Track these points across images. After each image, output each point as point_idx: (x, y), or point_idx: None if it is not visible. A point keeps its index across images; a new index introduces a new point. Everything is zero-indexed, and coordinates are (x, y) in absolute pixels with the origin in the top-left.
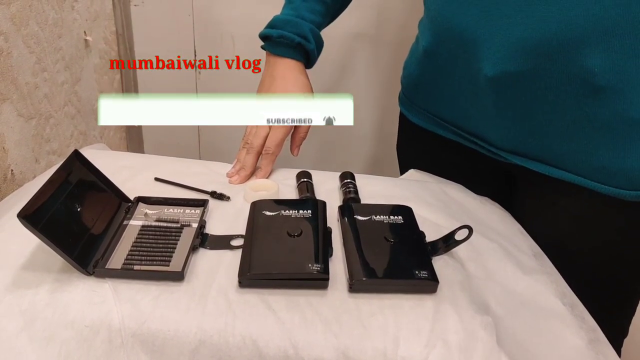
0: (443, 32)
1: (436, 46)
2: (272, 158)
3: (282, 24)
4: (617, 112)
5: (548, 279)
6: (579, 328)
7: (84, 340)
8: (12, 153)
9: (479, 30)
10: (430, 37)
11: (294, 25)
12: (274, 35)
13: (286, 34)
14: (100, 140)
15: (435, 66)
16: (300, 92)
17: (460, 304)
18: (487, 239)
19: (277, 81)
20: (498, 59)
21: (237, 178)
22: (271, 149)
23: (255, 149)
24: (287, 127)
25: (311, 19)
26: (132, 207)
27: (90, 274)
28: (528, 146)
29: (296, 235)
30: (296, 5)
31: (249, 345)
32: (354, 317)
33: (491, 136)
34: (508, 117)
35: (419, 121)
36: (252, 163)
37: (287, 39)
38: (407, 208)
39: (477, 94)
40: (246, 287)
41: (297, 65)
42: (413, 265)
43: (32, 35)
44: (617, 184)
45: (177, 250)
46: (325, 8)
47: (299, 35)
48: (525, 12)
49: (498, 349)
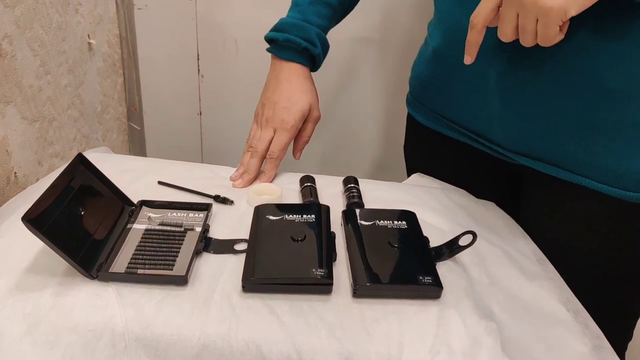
0: (454, 33)
1: (446, 47)
2: (276, 162)
3: (289, 27)
4: (625, 115)
5: (552, 284)
6: (582, 334)
7: (88, 344)
8: (15, 156)
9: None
10: (441, 38)
11: (301, 29)
12: (280, 39)
13: (292, 38)
14: (102, 143)
15: (444, 67)
16: (305, 96)
17: (464, 309)
18: (491, 244)
19: (283, 85)
20: (506, 58)
21: (240, 182)
22: (275, 153)
23: (259, 152)
24: (292, 131)
25: (318, 22)
26: (135, 210)
27: (93, 277)
28: (535, 147)
29: (300, 240)
30: (303, 9)
31: (253, 350)
32: (357, 323)
33: (499, 137)
34: (516, 118)
35: (427, 122)
36: (256, 167)
37: (293, 43)
38: (411, 213)
39: (485, 95)
40: (250, 292)
41: (303, 69)
42: (417, 271)
43: (36, 38)
44: (624, 186)
45: (180, 254)
46: (332, 11)
47: (306, 40)
48: None
49: (502, 354)
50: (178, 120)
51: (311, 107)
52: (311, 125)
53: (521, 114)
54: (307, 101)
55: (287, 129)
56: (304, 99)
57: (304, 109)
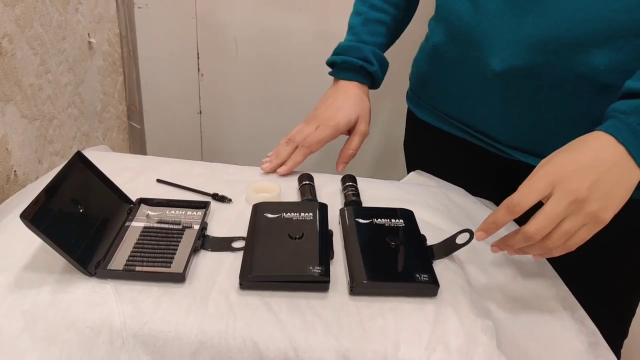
0: (453, 29)
1: (446, 43)
2: (306, 151)
3: (345, 50)
4: None
5: (548, 282)
6: (579, 332)
7: (86, 341)
8: (15, 154)
9: (490, 27)
10: (441, 35)
11: (356, 50)
12: (338, 61)
13: (349, 59)
14: (102, 141)
15: (444, 63)
16: (356, 107)
17: (460, 307)
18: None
19: (340, 95)
20: (506, 55)
21: (268, 165)
22: (308, 142)
23: (295, 142)
24: (333, 129)
25: (372, 41)
26: (134, 208)
27: (92, 274)
28: (533, 143)
29: (297, 238)
30: (357, 31)
31: (250, 347)
32: (354, 320)
33: (497, 132)
34: (514, 113)
35: (427, 118)
36: (287, 154)
37: (350, 64)
38: (409, 211)
39: (484, 90)
40: (247, 289)
41: (360, 86)
42: (414, 269)
43: (36, 36)
44: None
45: (178, 252)
46: (386, 28)
47: (361, 59)
48: (536, 12)
49: (498, 352)
50: (178, 119)
51: (359, 118)
52: (357, 139)
53: (518, 108)
54: (356, 111)
55: (329, 126)
56: (354, 109)
57: (350, 116)
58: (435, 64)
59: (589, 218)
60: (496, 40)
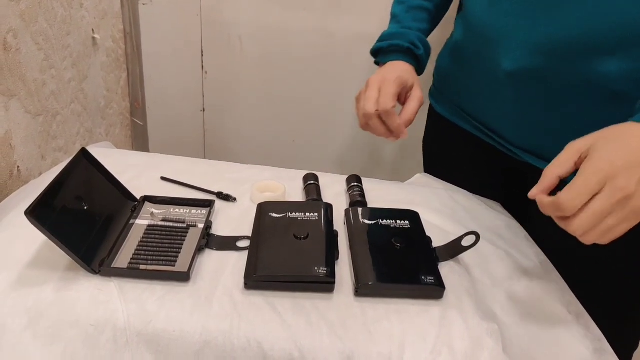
0: (471, 27)
1: (464, 40)
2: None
3: (390, 36)
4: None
5: (554, 287)
6: (584, 337)
7: (89, 339)
8: (18, 150)
9: (504, 27)
10: (461, 32)
11: (402, 35)
12: (385, 46)
13: (396, 42)
14: (106, 138)
15: (462, 59)
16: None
17: (466, 310)
18: (493, 245)
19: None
20: (518, 55)
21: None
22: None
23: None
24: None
25: (417, 27)
26: (138, 206)
27: (96, 272)
28: (542, 145)
29: (302, 238)
30: (400, 18)
31: (254, 348)
32: (359, 322)
33: (507, 133)
34: (524, 114)
35: (445, 113)
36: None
37: (397, 47)
38: (414, 213)
39: (496, 89)
40: (252, 289)
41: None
42: (419, 271)
43: (40, 32)
44: None
45: (183, 251)
46: (428, 14)
47: (408, 42)
48: (550, 15)
49: (504, 356)
50: (181, 116)
51: (414, 83)
52: (413, 104)
53: (528, 110)
54: (411, 76)
55: (392, 80)
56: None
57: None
58: (455, 60)
59: (632, 214)
60: (508, 39)
